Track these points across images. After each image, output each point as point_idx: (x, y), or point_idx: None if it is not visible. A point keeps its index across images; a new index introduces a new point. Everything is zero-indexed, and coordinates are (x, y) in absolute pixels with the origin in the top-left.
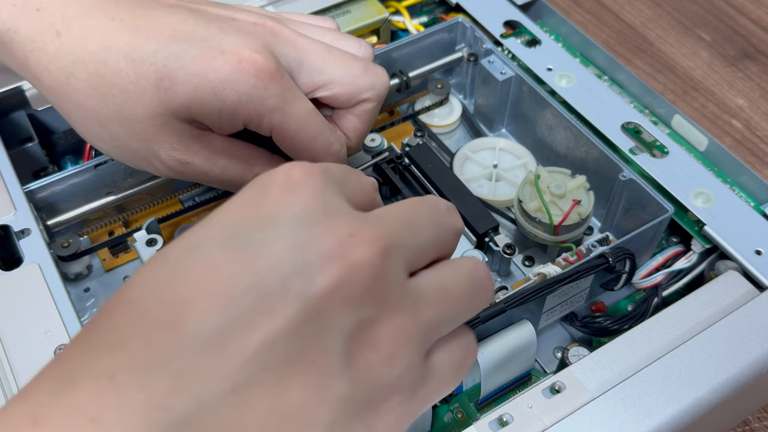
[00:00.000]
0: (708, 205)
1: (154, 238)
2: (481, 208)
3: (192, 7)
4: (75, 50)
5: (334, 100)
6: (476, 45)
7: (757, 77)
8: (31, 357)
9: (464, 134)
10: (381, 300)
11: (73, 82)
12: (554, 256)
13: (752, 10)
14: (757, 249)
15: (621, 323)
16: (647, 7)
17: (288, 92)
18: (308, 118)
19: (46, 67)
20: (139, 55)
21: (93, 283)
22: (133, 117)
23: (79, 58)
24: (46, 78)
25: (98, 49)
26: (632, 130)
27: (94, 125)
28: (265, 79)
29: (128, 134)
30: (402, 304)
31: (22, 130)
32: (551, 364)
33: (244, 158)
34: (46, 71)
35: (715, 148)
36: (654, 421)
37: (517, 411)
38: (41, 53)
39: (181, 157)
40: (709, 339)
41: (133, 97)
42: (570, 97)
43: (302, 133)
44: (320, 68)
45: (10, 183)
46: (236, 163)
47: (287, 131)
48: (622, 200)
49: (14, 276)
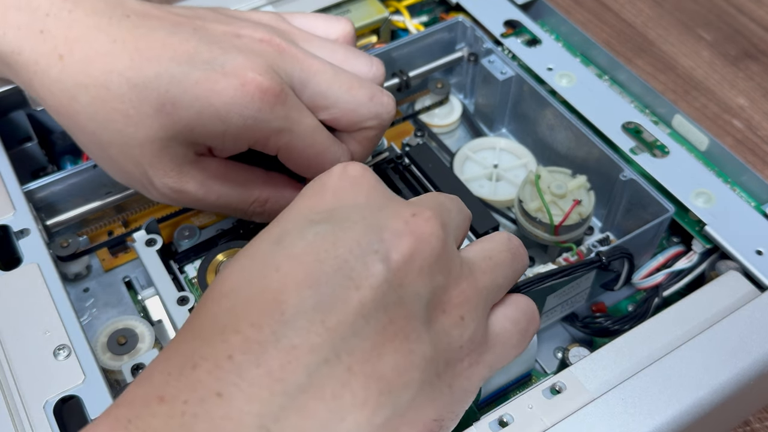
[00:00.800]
0: (709, 205)
1: (154, 238)
2: (481, 208)
3: (196, 24)
4: (77, 74)
5: (335, 123)
6: (476, 44)
7: (758, 77)
8: (31, 357)
9: (464, 134)
10: (447, 268)
11: (75, 105)
12: (555, 257)
13: (753, 9)
14: (758, 249)
15: (621, 323)
16: (648, 7)
17: (293, 111)
18: (314, 134)
19: (49, 89)
20: (141, 80)
21: (92, 283)
22: (132, 141)
23: (80, 82)
24: (50, 100)
25: (100, 73)
26: (633, 129)
27: (95, 147)
28: (270, 102)
29: (126, 158)
30: (462, 271)
31: (21, 129)
32: (552, 364)
33: (241, 182)
34: (50, 93)
35: (715, 148)
36: (655, 421)
37: (517, 411)
38: (44, 76)
39: (174, 185)
40: (710, 339)
41: (134, 121)
42: (570, 96)
43: (309, 150)
44: (324, 92)
45: (9, 183)
46: (233, 188)
47: (294, 150)
48: (622, 200)
49: (13, 276)
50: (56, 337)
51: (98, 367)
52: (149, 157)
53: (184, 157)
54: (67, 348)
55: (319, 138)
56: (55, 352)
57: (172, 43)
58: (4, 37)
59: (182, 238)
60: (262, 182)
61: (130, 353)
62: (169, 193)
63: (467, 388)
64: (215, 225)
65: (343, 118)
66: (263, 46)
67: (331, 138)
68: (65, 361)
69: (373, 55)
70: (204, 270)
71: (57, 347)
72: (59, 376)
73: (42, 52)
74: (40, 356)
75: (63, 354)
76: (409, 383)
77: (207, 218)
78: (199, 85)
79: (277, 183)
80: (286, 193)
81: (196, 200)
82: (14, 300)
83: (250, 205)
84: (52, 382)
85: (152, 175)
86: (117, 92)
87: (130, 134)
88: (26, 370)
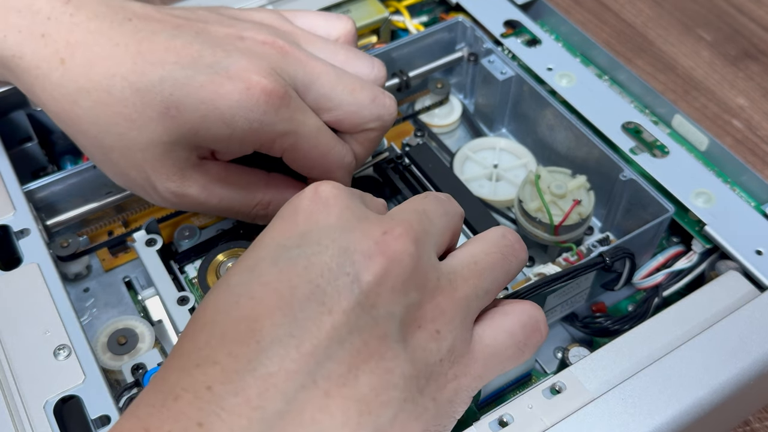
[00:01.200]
0: (709, 205)
1: (154, 238)
2: (481, 208)
3: (198, 27)
4: (79, 78)
5: (337, 125)
6: (476, 44)
7: (758, 77)
8: (31, 357)
9: (464, 134)
10: (422, 283)
11: (76, 110)
12: (555, 256)
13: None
14: (758, 249)
15: (621, 323)
16: (648, 7)
17: (297, 113)
18: (318, 134)
19: (51, 94)
20: (144, 84)
21: (92, 283)
22: (134, 146)
23: (82, 86)
24: (51, 104)
25: (102, 77)
26: (633, 129)
27: (97, 152)
28: (275, 104)
29: (128, 163)
30: (439, 284)
31: (21, 129)
32: (551, 364)
33: (244, 185)
34: (51, 98)
35: (715, 148)
36: (654, 421)
37: (517, 411)
38: (46, 80)
39: (177, 189)
40: (710, 339)
41: (137, 125)
42: (570, 96)
43: (314, 151)
44: (328, 94)
45: (9, 183)
46: (235, 192)
47: (299, 151)
48: (622, 200)
49: (13, 276)
50: (56, 337)
51: (98, 367)
52: (151, 161)
53: (187, 161)
54: (67, 348)
55: (324, 139)
56: (55, 352)
57: (175, 46)
58: (4, 41)
59: (182, 238)
60: (264, 184)
61: (130, 353)
62: (171, 197)
63: (454, 400)
64: (215, 225)
65: (345, 120)
66: (266, 48)
67: (335, 138)
68: (65, 361)
69: (373, 55)
70: (204, 270)
71: (57, 347)
72: (59, 376)
73: (43, 56)
74: (40, 356)
75: (63, 354)
76: (388, 402)
77: (207, 218)
78: (204, 88)
79: (279, 184)
80: (288, 194)
81: (199, 204)
82: (14, 300)
83: (252, 209)
84: (52, 382)
85: (154, 179)
86: (120, 96)
87: (133, 138)
88: (26, 370)
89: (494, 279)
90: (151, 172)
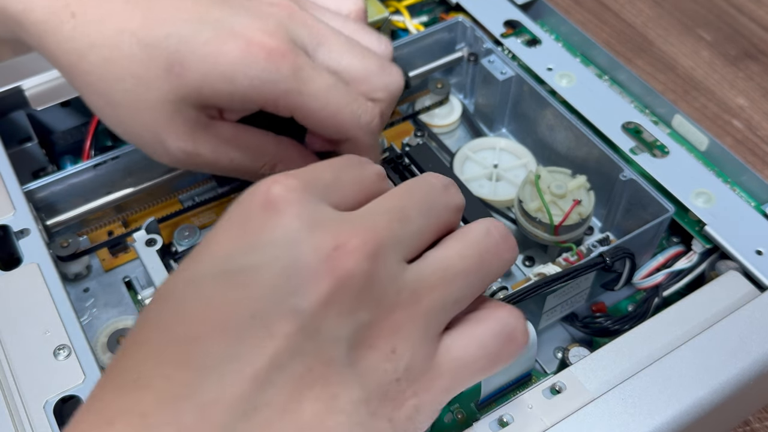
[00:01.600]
0: (709, 205)
1: (154, 238)
2: (481, 208)
3: None
4: (89, 33)
5: None
6: (476, 44)
7: (758, 77)
8: (31, 357)
9: (464, 134)
10: (375, 302)
11: (85, 64)
12: (555, 256)
13: (753, 9)
14: (758, 249)
15: (621, 323)
16: (648, 7)
17: (302, 71)
18: (329, 92)
19: (60, 47)
20: (151, 39)
21: (92, 283)
22: (142, 104)
23: (92, 40)
24: (61, 58)
25: (112, 32)
26: (633, 129)
27: (107, 108)
28: (276, 62)
29: (136, 122)
30: (398, 299)
31: (21, 129)
32: (551, 364)
33: (253, 147)
34: (60, 51)
35: (715, 148)
36: (655, 421)
37: (517, 411)
38: (56, 33)
39: (188, 148)
40: (710, 339)
41: (144, 82)
42: (570, 96)
43: (324, 110)
44: (336, 57)
45: (9, 183)
46: (244, 153)
47: (308, 110)
48: (622, 200)
49: (13, 276)
50: (56, 337)
51: (98, 367)
52: (161, 121)
53: (197, 121)
54: (67, 348)
55: (335, 97)
56: (55, 352)
57: (185, 3)
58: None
59: (182, 238)
60: (274, 146)
61: None
62: (183, 156)
63: (414, 417)
64: None
65: (353, 85)
66: (274, 9)
67: (349, 95)
68: (65, 361)
69: None
70: None
71: (57, 347)
72: (59, 376)
73: (54, 10)
74: (40, 356)
75: (63, 354)
76: (334, 428)
77: (207, 218)
78: (208, 45)
79: (288, 147)
80: (295, 157)
81: (208, 163)
82: (14, 300)
83: (260, 168)
84: (52, 382)
85: (165, 138)
86: (128, 52)
87: (140, 95)
88: (26, 370)
89: (468, 285)
90: (161, 131)
